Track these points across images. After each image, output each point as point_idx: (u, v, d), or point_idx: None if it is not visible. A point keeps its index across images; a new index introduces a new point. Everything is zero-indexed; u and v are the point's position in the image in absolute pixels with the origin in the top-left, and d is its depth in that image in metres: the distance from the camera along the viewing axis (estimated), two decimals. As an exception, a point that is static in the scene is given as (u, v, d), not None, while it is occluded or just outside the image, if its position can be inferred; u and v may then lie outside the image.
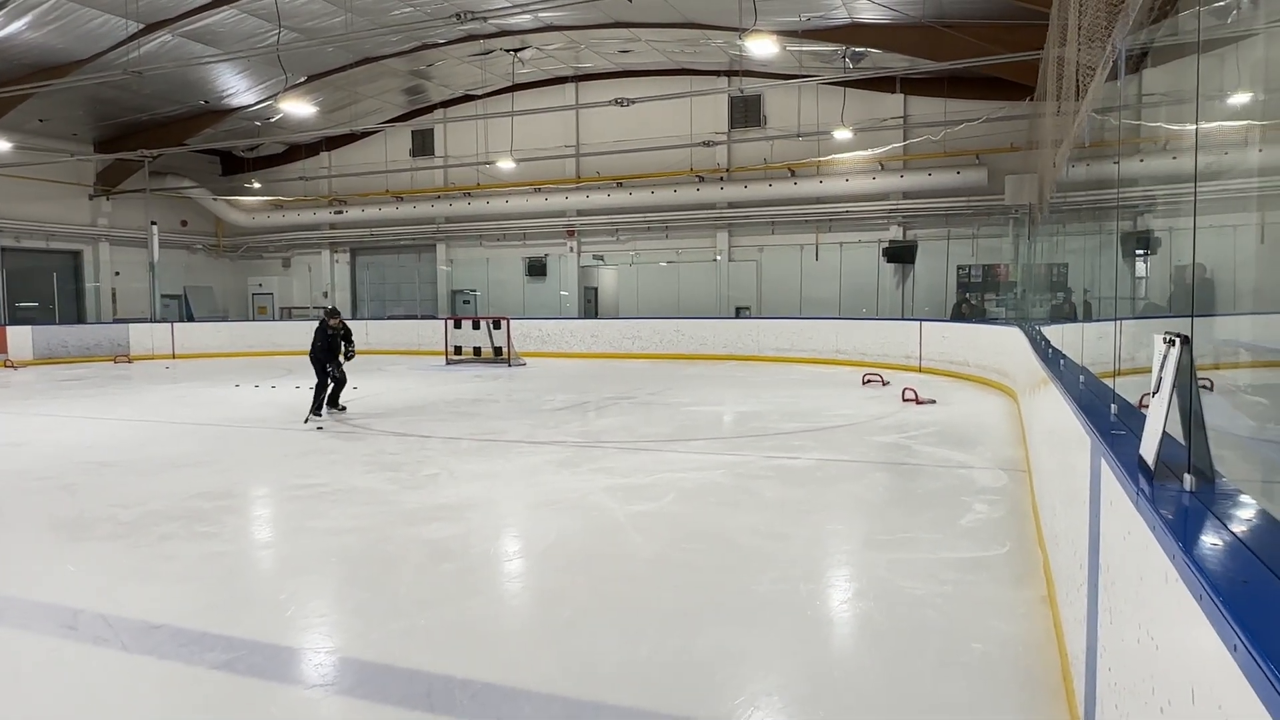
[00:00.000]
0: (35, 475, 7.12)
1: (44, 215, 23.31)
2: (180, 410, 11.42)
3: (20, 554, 4.99)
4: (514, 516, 5.80)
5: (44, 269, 23.13)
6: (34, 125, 21.44)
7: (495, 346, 18.86)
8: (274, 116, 23.24)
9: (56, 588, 4.33)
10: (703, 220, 22.50)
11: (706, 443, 8.43)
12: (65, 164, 22.51)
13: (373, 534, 5.24)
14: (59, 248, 23.97)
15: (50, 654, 3.57)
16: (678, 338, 19.95)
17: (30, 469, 7.40)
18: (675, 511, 5.70)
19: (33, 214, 22.94)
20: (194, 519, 5.62)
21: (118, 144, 23.35)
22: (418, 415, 10.67)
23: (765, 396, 12.25)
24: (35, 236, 23.15)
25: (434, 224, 25.83)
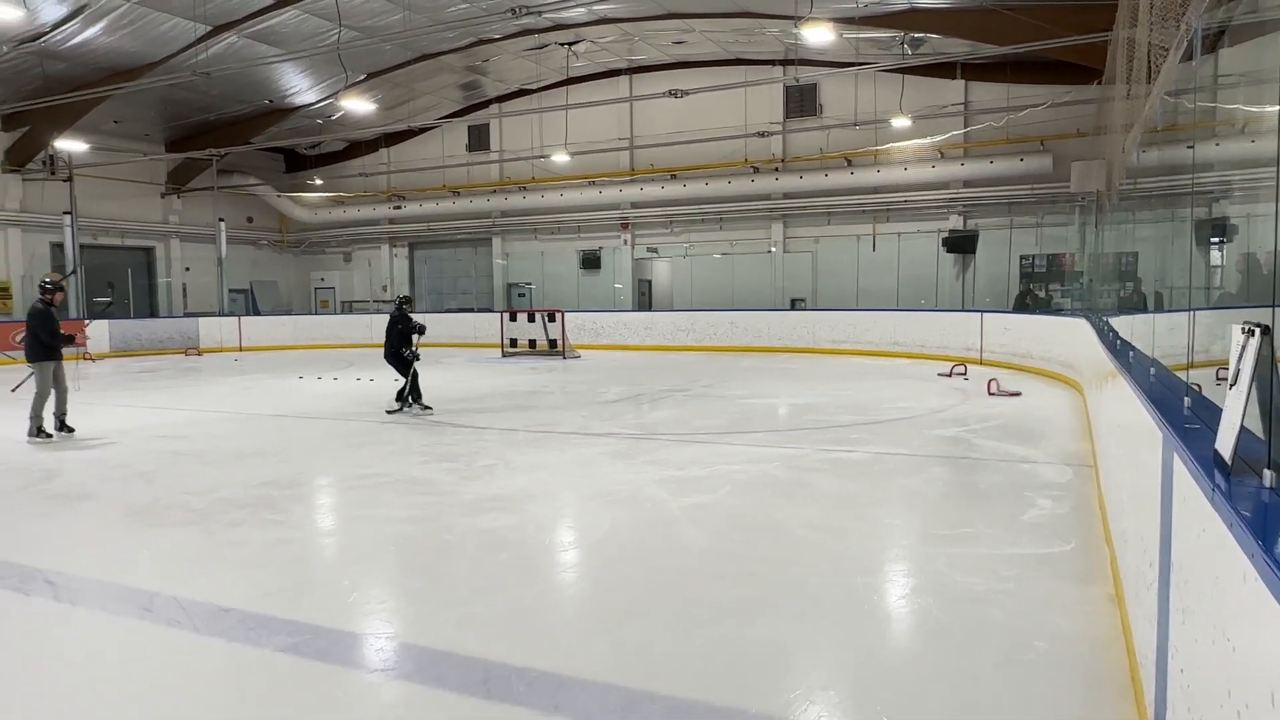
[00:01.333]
0: (114, 463, 7.42)
1: (119, 213, 24.21)
2: (247, 401, 11.77)
3: (101, 538, 5.21)
4: (569, 507, 5.84)
5: (119, 265, 24.04)
6: (109, 127, 22.28)
7: (550, 339, 19.01)
8: (335, 114, 23.75)
9: (134, 571, 4.51)
10: (757, 211, 22.33)
11: (761, 435, 8.38)
12: (138, 164, 23.34)
13: (431, 523, 5.33)
14: (133, 244, 24.89)
15: (128, 634, 3.72)
16: (732, 330, 19.86)
17: (110, 457, 7.71)
18: (729, 504, 5.68)
19: (109, 212, 23.85)
20: (261, 506, 5.80)
21: (187, 144, 24.13)
22: (474, 407, 10.82)
23: (821, 389, 12.12)
24: (111, 234, 24.07)
25: (490, 218, 26.12)
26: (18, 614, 3.97)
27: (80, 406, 11.35)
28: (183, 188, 25.54)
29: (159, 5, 16.38)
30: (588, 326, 21.29)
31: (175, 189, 25.46)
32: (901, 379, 13.35)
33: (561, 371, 15.66)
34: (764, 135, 19.83)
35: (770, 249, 22.37)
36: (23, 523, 5.56)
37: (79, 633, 3.76)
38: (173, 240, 25.80)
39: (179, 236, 25.89)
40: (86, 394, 12.61)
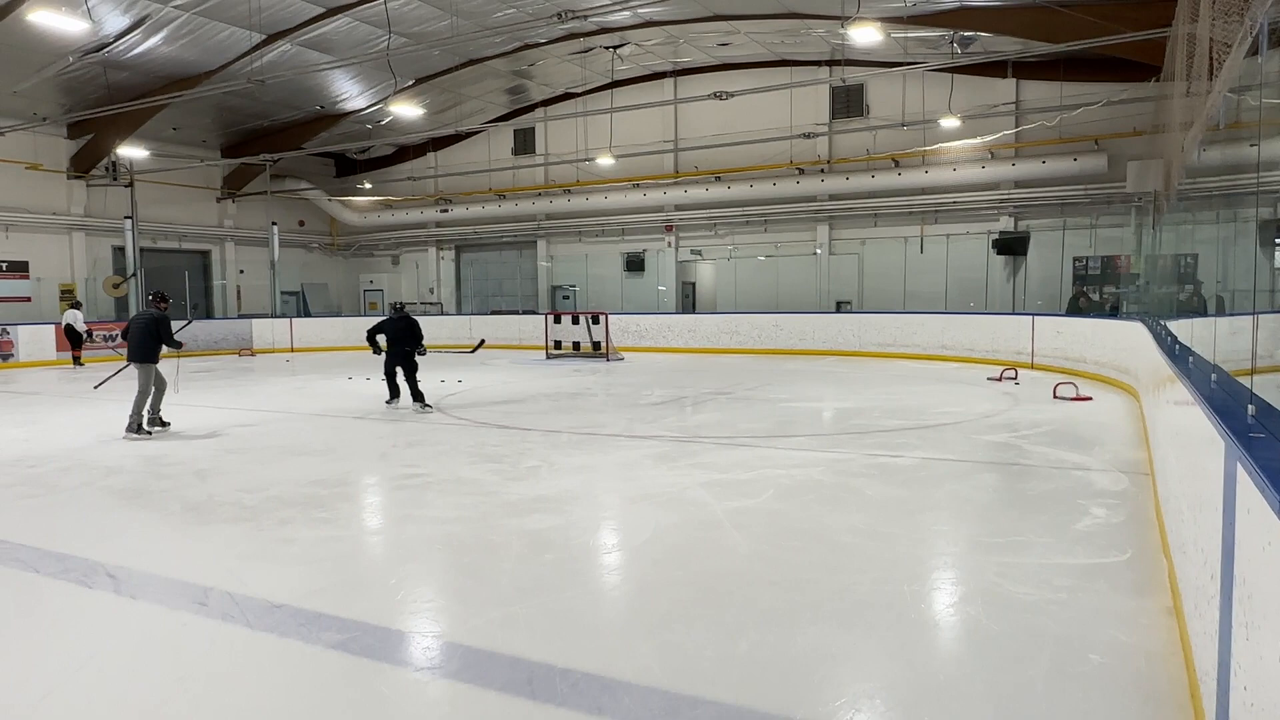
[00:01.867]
0: (171, 460, 7.64)
1: (177, 217, 24.93)
2: (298, 401, 12.02)
3: (158, 534, 5.36)
4: (612, 509, 5.86)
5: (177, 268, 24.73)
6: (168, 134, 22.96)
7: (594, 341, 19.09)
8: (384, 119, 24.17)
9: (189, 566, 4.63)
10: (802, 213, 22.16)
11: (806, 439, 8.31)
12: (195, 169, 23.99)
13: (476, 523, 5.38)
14: (190, 248, 25.59)
15: (183, 628, 3.82)
16: (776, 333, 19.73)
17: (167, 454, 7.93)
18: (774, 508, 5.64)
19: (167, 216, 24.57)
20: (311, 505, 5.91)
21: (242, 149, 24.75)
22: (519, 408, 10.91)
23: (867, 393, 11.99)
24: (169, 238, 24.78)
25: (535, 221, 26.32)
26: (81, 605, 4.10)
27: (139, 405, 11.70)
28: (238, 192, 26.19)
29: (216, 15, 16.83)
30: (631, 329, 21.32)
31: (230, 193, 26.12)
32: (950, 383, 13.14)
33: (605, 374, 15.71)
34: (810, 136, 19.68)
35: (815, 251, 22.18)
36: (86, 518, 5.75)
37: (138, 625, 3.87)
38: (228, 243, 26.46)
39: (234, 240, 26.55)
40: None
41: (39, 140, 20.92)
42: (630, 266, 24.98)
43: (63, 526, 5.51)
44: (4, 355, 18.79)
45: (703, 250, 24.27)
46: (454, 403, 11.49)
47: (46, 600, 4.20)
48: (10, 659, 3.55)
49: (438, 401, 11.53)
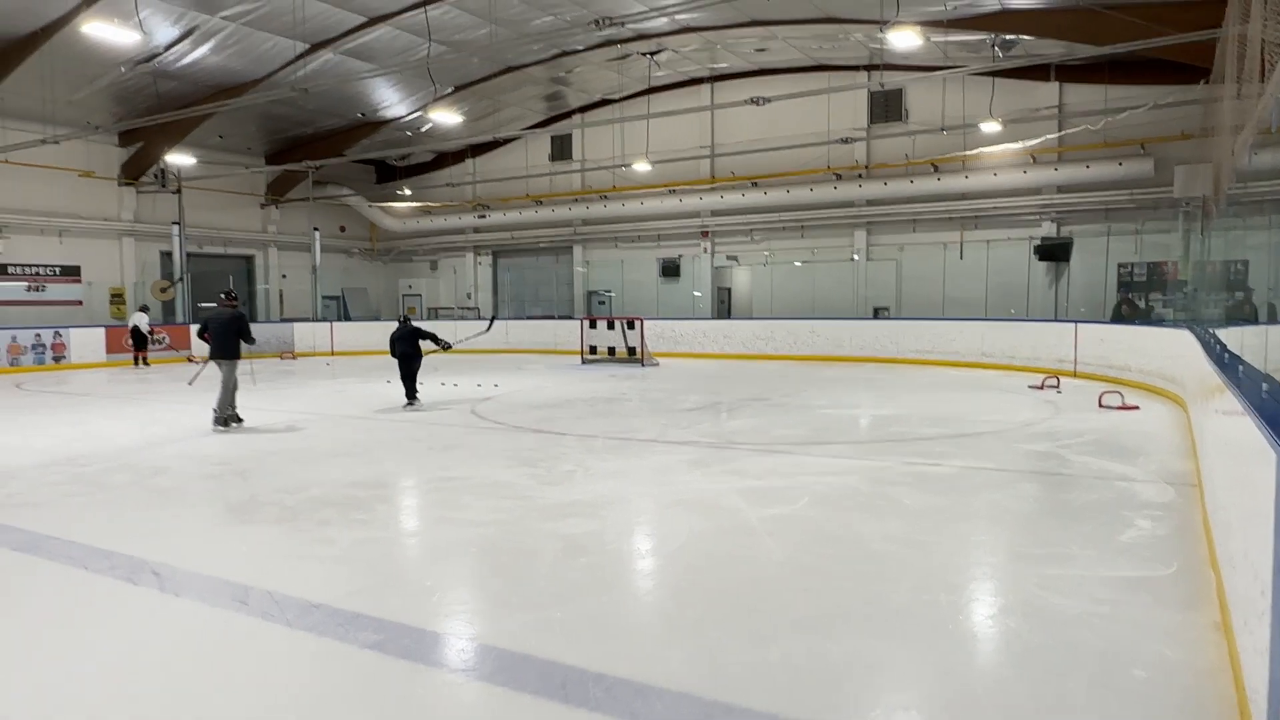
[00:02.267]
0: (215, 460, 7.80)
1: (222, 223, 25.49)
2: (338, 404, 12.20)
3: (201, 533, 5.48)
4: (647, 515, 5.86)
5: (222, 272, 25.28)
6: (214, 141, 23.48)
7: (629, 346, 19.12)
8: (424, 126, 24.50)
9: (231, 565, 4.72)
10: (840, 219, 22.01)
11: (842, 447, 8.24)
12: (240, 176, 24.51)
13: (511, 526, 5.42)
14: (235, 252, 26.16)
15: (225, 625, 3.90)
16: (813, 339, 19.60)
17: (211, 455, 8.10)
18: (809, 516, 5.60)
19: (213, 222, 25.13)
20: (349, 506, 6.00)
21: (285, 156, 25.25)
22: (555, 413, 10.97)
23: (905, 400, 11.86)
24: (215, 243, 25.34)
25: (571, 226, 26.46)
26: (127, 602, 4.21)
27: (182, 407, 11.96)
28: (281, 198, 26.71)
29: (262, 25, 17.21)
30: (666, 334, 21.33)
31: (274, 200, 26.64)
32: (989, 391, 12.94)
33: (640, 379, 15.72)
34: (847, 141, 19.55)
35: (853, 257, 22.01)
36: (133, 516, 5.89)
37: (180, 622, 3.95)
38: (271, 248, 26.99)
39: (277, 245, 27.07)
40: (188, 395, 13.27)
41: (91, 149, 21.52)
42: (666, 272, 24.99)
43: (110, 524, 5.65)
44: (56, 357, 19.35)
45: (739, 256, 24.20)
46: (490, 407, 11.58)
47: (94, 596, 4.31)
48: (57, 653, 3.65)
49: (474, 406, 11.63)
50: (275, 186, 26.61)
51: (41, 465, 7.62)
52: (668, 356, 20.50)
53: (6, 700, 3.23)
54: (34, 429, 9.96)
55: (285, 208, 27.05)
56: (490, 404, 11.91)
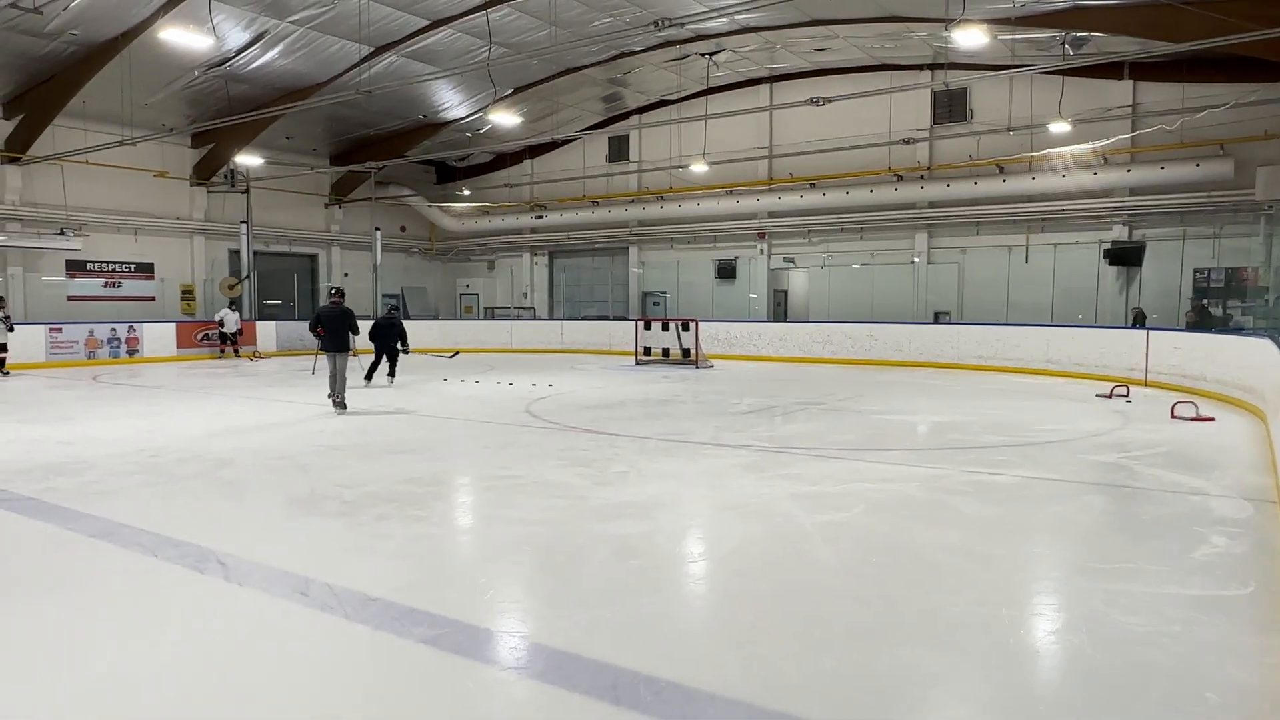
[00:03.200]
0: (277, 454, 8.02)
1: (288, 222, 26.20)
2: (396, 401, 12.45)
3: (263, 525, 5.64)
4: (699, 518, 5.85)
5: (287, 270, 26.00)
6: (282, 143, 24.16)
7: (684, 348, 19.10)
8: (483, 127, 24.84)
9: (292, 557, 4.86)
10: (900, 221, 21.67)
11: (900, 453, 8.12)
12: (305, 176, 25.15)
13: (563, 526, 5.46)
14: (299, 251, 26.85)
15: (285, 615, 4.01)
16: (870, 343, 19.34)
17: (273, 448, 8.34)
18: (865, 523, 5.53)
19: (279, 221, 25.85)
20: (406, 502, 6.11)
21: (348, 157, 25.84)
22: (608, 413, 11.03)
23: (965, 407, 11.63)
24: (280, 241, 26.06)
25: (627, 227, 26.54)
26: (194, 590, 4.36)
27: (247, 401, 12.34)
28: (344, 198, 27.33)
29: (329, 29, 17.64)
30: (721, 336, 21.26)
31: (337, 199, 27.28)
32: (1055, 399, 12.61)
33: (694, 381, 15.71)
34: (909, 142, 19.23)
35: (913, 260, 21.65)
36: (200, 506, 6.09)
37: (244, 611, 4.08)
38: (334, 247, 27.64)
39: (339, 244, 27.71)
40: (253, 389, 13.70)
41: (166, 150, 22.32)
42: (721, 273, 24.90)
43: (179, 514, 5.86)
44: (130, 351, 20.13)
45: (796, 258, 24.00)
46: (544, 406, 11.69)
47: (164, 584, 4.47)
48: (129, 637, 3.79)
49: (528, 405, 11.76)
50: (339, 187, 27.25)
51: (117, 455, 7.93)
52: (722, 359, 20.43)
53: (82, 680, 3.38)
54: (109, 420, 10.38)
55: (348, 208, 27.68)
56: (544, 403, 12.03)
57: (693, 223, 25.10)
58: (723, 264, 24.85)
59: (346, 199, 27.38)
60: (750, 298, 24.47)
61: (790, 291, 25.26)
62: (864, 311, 21.62)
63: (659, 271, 26.40)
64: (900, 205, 21.35)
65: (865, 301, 22.00)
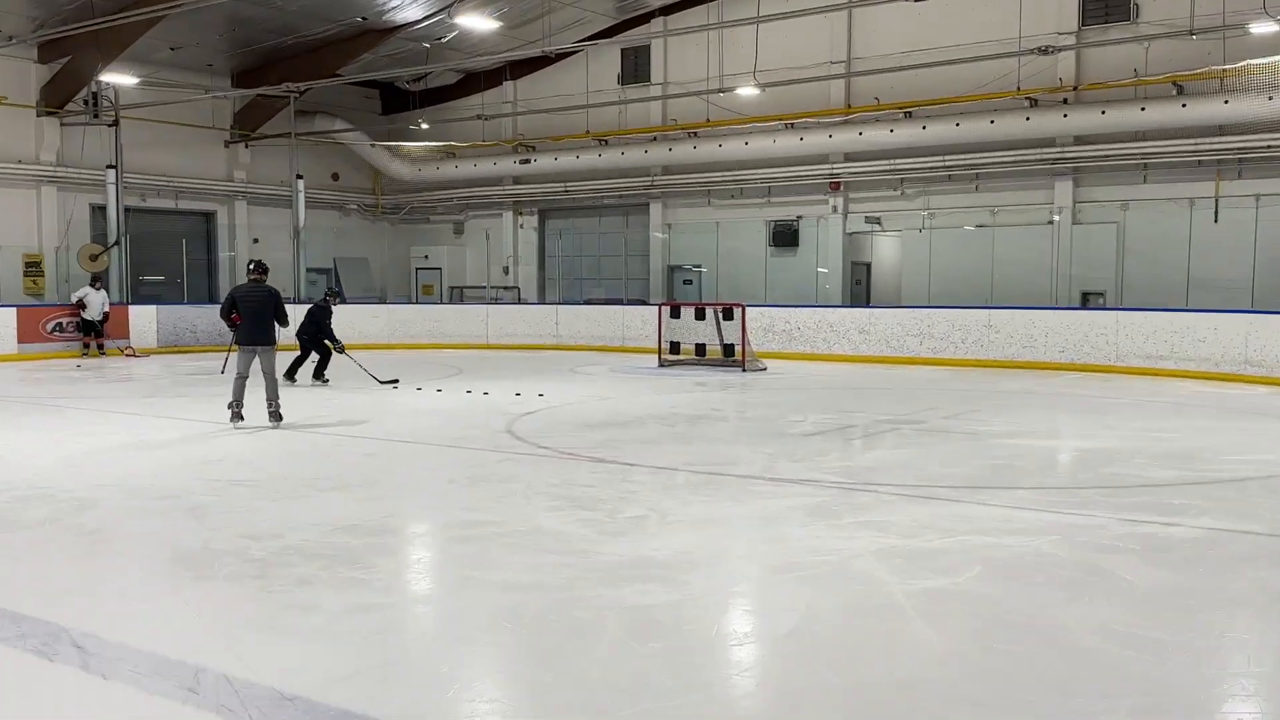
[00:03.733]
0: (156, 493, 8.05)
1: (174, 168, 26.31)
2: (326, 416, 12.48)
3: (139, 592, 5.66)
4: (746, 583, 5.83)
5: (173, 234, 26.08)
6: (164, 55, 24.09)
7: (726, 344, 19.07)
8: (446, 35, 24.90)
9: (177, 637, 4.86)
10: (1032, 163, 21.57)
11: (1031, 494, 8.05)
12: (198, 103, 25.27)
13: (559, 593, 5.45)
14: (189, 208, 27.01)
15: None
16: (989, 336, 19.24)
17: (151, 485, 8.37)
18: (981, 593, 5.49)
19: (161, 166, 25.92)
20: (339, 559, 6.12)
21: (258, 77, 25.91)
22: (620, 435, 11.00)
23: (1126, 428, 11.53)
24: (164, 194, 26.19)
25: (648, 176, 26.56)
26: (41, 684, 4.36)
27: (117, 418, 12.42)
28: (252, 134, 27.45)
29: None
30: (778, 327, 21.20)
31: (243, 135, 27.39)
32: (1256, 417, 12.48)
33: (740, 389, 15.65)
34: (1046, 52, 19.08)
35: (1053, 217, 21.54)
36: (50, 567, 6.12)
37: (109, 714, 4.08)
38: (238, 203, 27.81)
39: (245, 198, 27.89)
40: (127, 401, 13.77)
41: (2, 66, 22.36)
42: (779, 240, 24.87)
43: (20, 577, 5.88)
44: (-46, 348, 20.30)
45: (882, 217, 23.92)
46: (532, 425, 11.70)
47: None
48: (-46, 746, 3.81)
49: (510, 423, 11.75)
50: (245, 118, 27.39)
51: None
52: (778, 358, 20.37)
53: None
54: (-72, 443, 10.47)
55: (258, 148, 27.84)
56: (532, 421, 12.02)
57: (738, 169, 25.08)
58: (780, 227, 24.81)
59: (255, 135, 27.54)
60: (819, 274, 24.42)
61: (875, 265, 25.18)
62: (980, 292, 21.52)
63: (692, 237, 26.40)
64: (1033, 141, 21.23)
65: (982, 278, 21.91)
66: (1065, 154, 21.17)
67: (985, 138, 21.45)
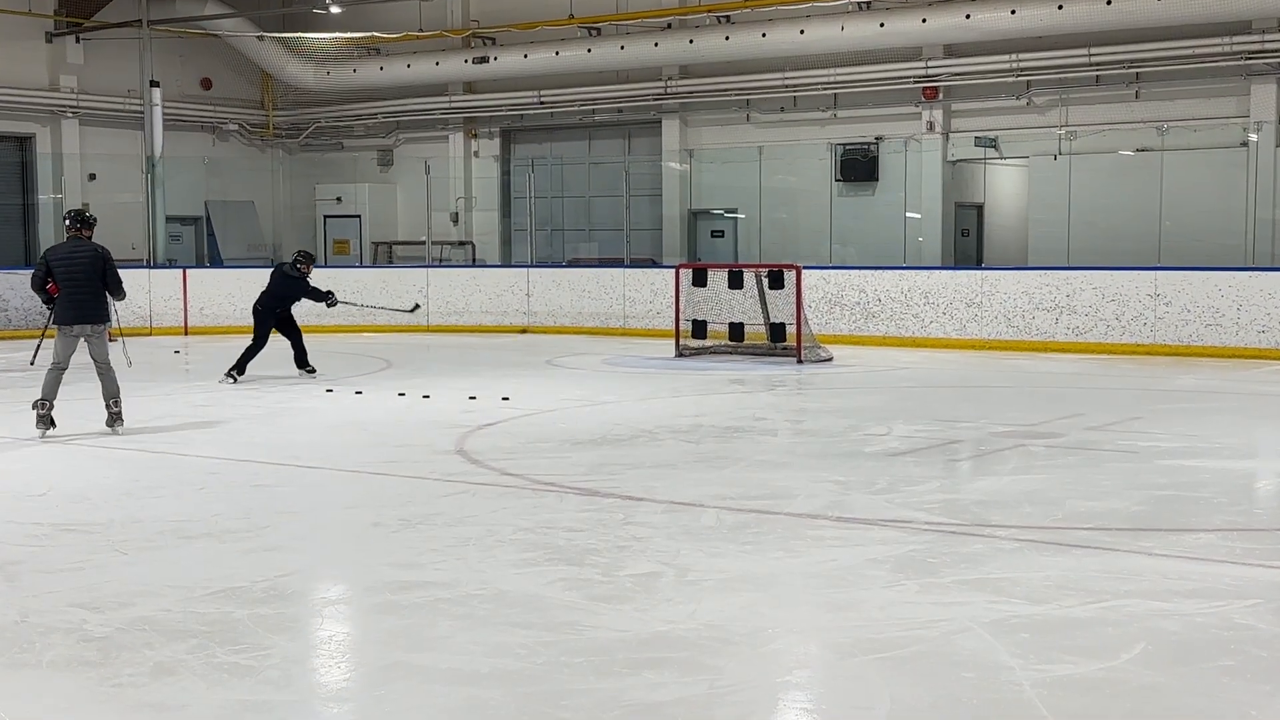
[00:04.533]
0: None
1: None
2: (198, 433, 12.48)
3: (-71, 682, 5.67)
4: (805, 669, 5.84)
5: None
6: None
7: (773, 323, 19.04)
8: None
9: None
10: (1221, 57, 21.46)
11: (1215, 537, 8.06)
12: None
13: (534, 687, 5.45)
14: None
15: None
16: (1156, 309, 19.22)
17: (-52, 529, 8.39)
18: (1142, 682, 5.48)
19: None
20: (214, 637, 6.11)
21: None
22: (621, 456, 11.02)
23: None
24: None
25: (658, 81, 26.53)
26: None
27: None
28: (86, 23, 27.39)
29: None
30: (849, 299, 21.19)
31: (73, 24, 27.34)
32: None
33: (794, 389, 15.64)
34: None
35: (1247, 136, 21.45)
36: None
37: None
38: (65, 122, 27.76)
39: (76, 115, 27.83)
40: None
41: None
42: (850, 172, 24.83)
43: None
44: None
45: (1000, 139, 23.87)
46: (493, 441, 11.72)
47: None
48: None
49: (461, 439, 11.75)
50: (76, 1, 27.28)
51: None
52: (850, 343, 20.39)
53: None
54: None
55: (94, 45, 27.80)
56: (493, 436, 12.03)
57: (790, 70, 25.03)
58: (852, 154, 24.78)
59: (91, 25, 27.49)
60: (908, 221, 24.39)
61: (989, 208, 25.17)
62: (1143, 247, 21.48)
63: (723, 170, 26.40)
64: (1221, 26, 21.19)
65: (1146, 227, 21.88)
66: (1268, 43, 21.11)
67: (1151, 19, 21.33)
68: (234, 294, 25.07)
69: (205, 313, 24.78)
